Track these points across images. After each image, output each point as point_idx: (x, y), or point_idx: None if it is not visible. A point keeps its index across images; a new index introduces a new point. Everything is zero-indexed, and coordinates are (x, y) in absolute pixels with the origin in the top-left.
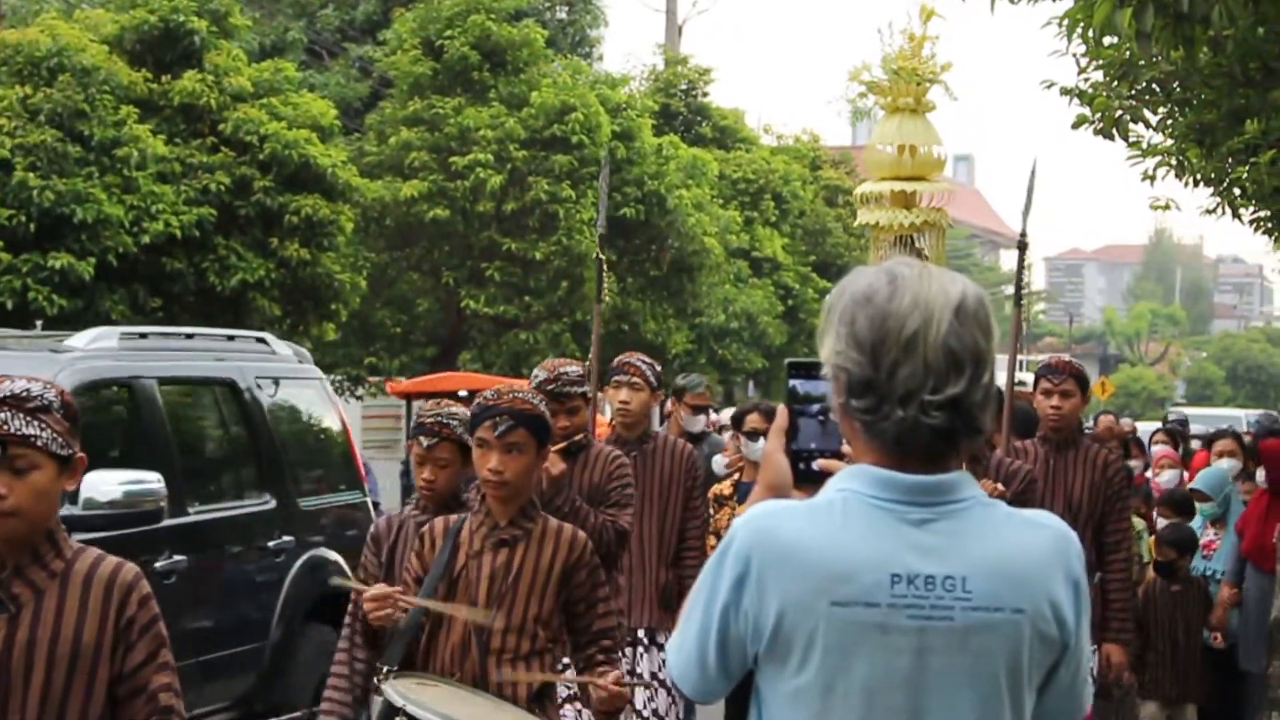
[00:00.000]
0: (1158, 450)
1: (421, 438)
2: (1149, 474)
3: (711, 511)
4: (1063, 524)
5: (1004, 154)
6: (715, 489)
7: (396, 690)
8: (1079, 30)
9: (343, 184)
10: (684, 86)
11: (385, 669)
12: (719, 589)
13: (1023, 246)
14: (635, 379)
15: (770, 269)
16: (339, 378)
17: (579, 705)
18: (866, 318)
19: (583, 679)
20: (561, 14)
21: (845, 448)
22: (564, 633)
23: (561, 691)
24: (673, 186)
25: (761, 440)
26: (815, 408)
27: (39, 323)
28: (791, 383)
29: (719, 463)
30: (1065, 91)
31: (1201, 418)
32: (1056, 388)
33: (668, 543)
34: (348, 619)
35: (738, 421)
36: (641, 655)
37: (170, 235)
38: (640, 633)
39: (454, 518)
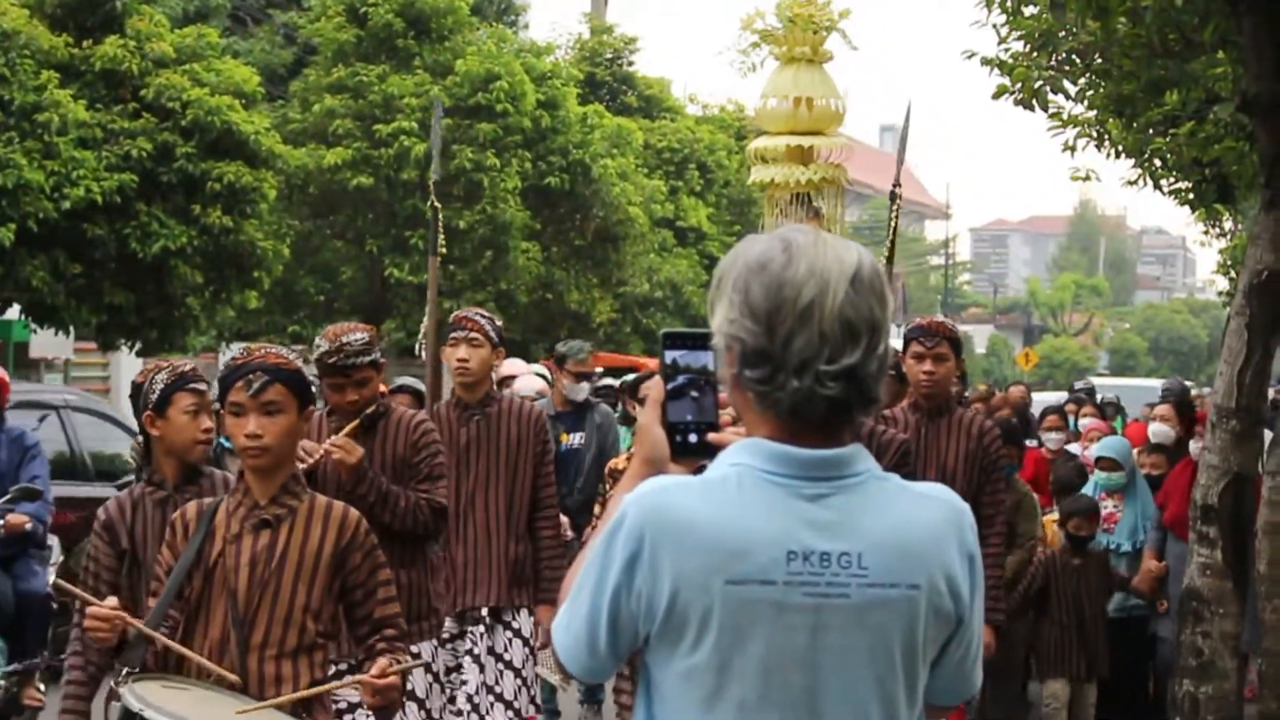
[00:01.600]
0: (1088, 423)
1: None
2: (1080, 448)
3: (607, 486)
4: (955, 496)
5: (929, 125)
6: (612, 463)
7: (135, 695)
8: (998, 1)
9: (266, 151)
10: (609, 55)
11: (125, 671)
12: (610, 568)
13: (894, 196)
14: (474, 334)
15: (695, 238)
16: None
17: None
18: (761, 286)
19: (340, 684)
20: None
21: (726, 419)
22: (339, 626)
23: (341, 701)
24: (597, 156)
25: None
26: (686, 379)
27: None
28: (668, 354)
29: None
30: (986, 62)
31: (1116, 388)
32: (929, 351)
33: (518, 514)
34: (75, 623)
35: (633, 389)
36: (483, 635)
37: (91, 201)
38: (484, 611)
39: (207, 500)
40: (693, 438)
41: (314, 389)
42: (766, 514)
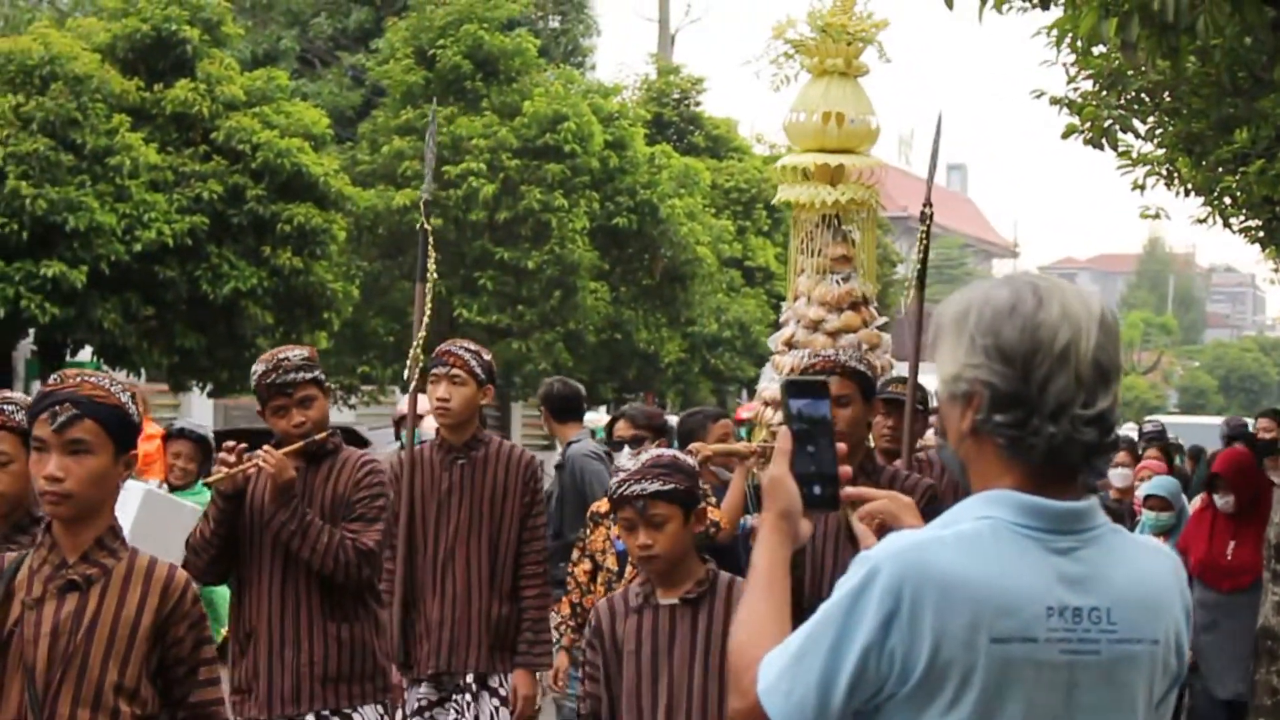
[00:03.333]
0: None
1: None
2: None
3: (586, 530)
4: (1171, 550)
5: (997, 164)
6: (594, 505)
7: None
8: (1067, 40)
9: (335, 192)
10: (676, 96)
11: None
12: (857, 627)
13: (925, 217)
14: (457, 370)
15: (763, 278)
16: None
17: None
18: (1015, 329)
19: None
20: (554, 23)
21: (846, 470)
22: (160, 708)
23: None
24: (665, 196)
25: (626, 449)
26: (808, 429)
27: (31, 331)
28: (792, 404)
29: None
30: (1055, 101)
31: (1178, 426)
32: None
33: (503, 570)
34: None
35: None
36: (469, 705)
37: (163, 243)
38: (470, 678)
39: (10, 555)
40: (816, 489)
41: (136, 423)
42: (1026, 569)
